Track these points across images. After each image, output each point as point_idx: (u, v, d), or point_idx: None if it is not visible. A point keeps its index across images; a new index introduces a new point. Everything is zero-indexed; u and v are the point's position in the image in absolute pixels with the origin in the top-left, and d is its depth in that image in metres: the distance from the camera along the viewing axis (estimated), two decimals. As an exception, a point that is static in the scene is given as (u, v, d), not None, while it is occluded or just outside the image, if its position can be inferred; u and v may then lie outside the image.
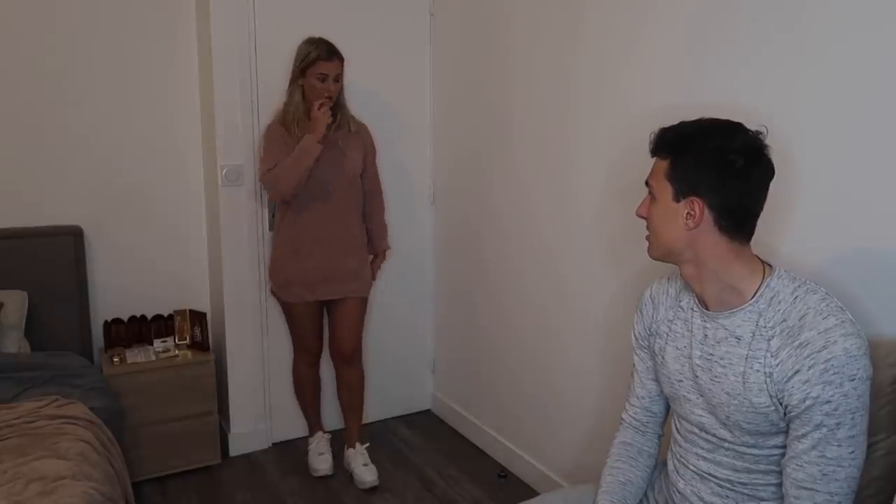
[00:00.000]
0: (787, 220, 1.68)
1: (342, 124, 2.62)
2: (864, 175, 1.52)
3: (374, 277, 2.83)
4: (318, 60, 2.48)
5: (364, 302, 2.76)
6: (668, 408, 1.57)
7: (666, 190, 1.31)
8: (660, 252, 1.38)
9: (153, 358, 2.73)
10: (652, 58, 2.05)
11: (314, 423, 2.92)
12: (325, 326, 2.84)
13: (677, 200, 1.30)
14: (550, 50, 2.46)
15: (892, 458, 1.32)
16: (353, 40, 2.98)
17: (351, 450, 2.82)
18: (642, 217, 1.39)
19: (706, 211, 1.28)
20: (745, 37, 1.76)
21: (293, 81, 2.55)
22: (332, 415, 3.04)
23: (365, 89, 3.04)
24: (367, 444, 2.85)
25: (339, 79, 2.53)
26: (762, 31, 1.71)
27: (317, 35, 2.57)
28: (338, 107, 2.60)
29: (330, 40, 2.55)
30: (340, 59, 2.53)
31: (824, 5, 1.57)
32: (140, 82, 2.91)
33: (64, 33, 2.75)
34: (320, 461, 2.82)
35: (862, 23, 1.50)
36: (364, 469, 2.73)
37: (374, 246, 2.84)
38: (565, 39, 2.39)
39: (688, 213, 1.29)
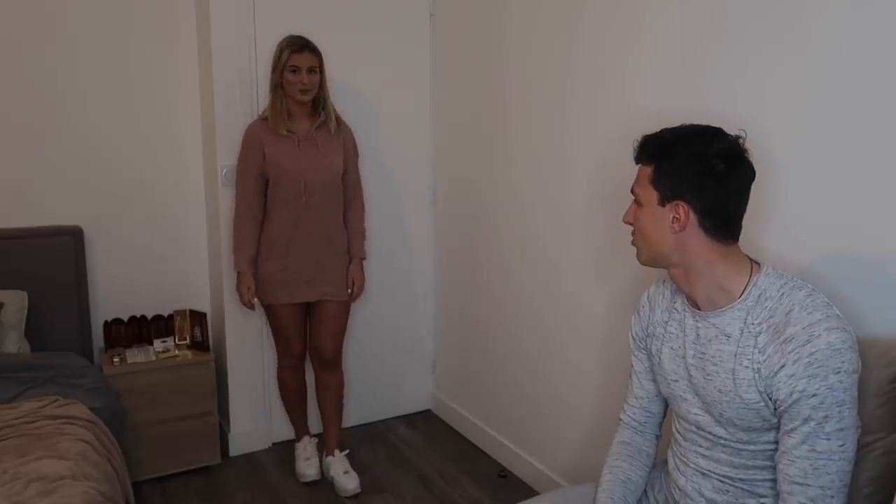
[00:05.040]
0: (779, 221, 1.69)
1: (324, 123, 2.60)
2: (856, 177, 1.52)
3: (356, 286, 2.71)
4: (290, 54, 2.47)
5: (344, 305, 2.71)
6: (665, 408, 1.59)
7: (651, 196, 1.34)
8: (648, 257, 1.41)
9: (153, 358, 2.73)
10: (650, 61, 2.05)
11: (300, 427, 2.88)
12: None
13: (662, 205, 1.33)
14: (549, 50, 2.46)
15: (891, 456, 1.33)
16: (353, 40, 2.99)
17: (330, 457, 2.77)
18: (629, 224, 1.43)
19: (691, 214, 1.31)
20: (739, 41, 1.76)
21: (273, 81, 2.54)
22: (318, 417, 2.96)
23: (365, 89, 3.04)
24: (347, 451, 2.80)
25: (314, 71, 2.50)
26: (757, 35, 1.71)
27: (316, 34, 2.58)
28: (320, 101, 2.59)
29: (321, 39, 2.57)
30: (313, 51, 2.51)
31: (818, 10, 1.57)
32: (140, 82, 2.91)
33: (64, 33, 2.75)
34: (307, 466, 2.77)
35: (854, 27, 1.50)
36: (345, 477, 2.68)
37: (350, 252, 2.72)
38: (564, 39, 2.39)
39: (673, 217, 1.32)
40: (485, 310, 2.98)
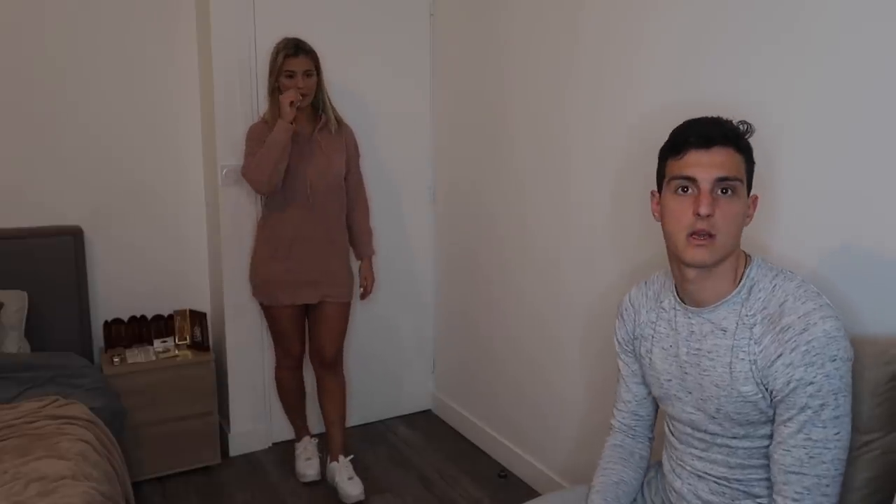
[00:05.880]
0: (779, 220, 1.68)
1: (325, 124, 2.59)
2: (856, 176, 1.52)
3: (368, 284, 2.82)
4: (284, 58, 2.45)
5: (345, 307, 2.70)
6: (655, 410, 1.59)
7: (744, 184, 1.32)
8: (724, 252, 1.29)
9: (153, 358, 2.73)
10: (651, 60, 2.05)
11: (300, 427, 2.89)
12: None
13: (748, 195, 1.34)
14: (550, 49, 2.46)
15: (890, 456, 1.32)
16: (353, 40, 3.00)
17: (334, 462, 2.73)
18: (710, 216, 1.26)
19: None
20: (741, 41, 1.76)
21: (270, 85, 2.52)
22: (319, 418, 2.96)
23: (365, 90, 3.05)
24: (352, 456, 2.78)
25: (310, 74, 2.49)
26: (758, 35, 1.71)
27: (315, 34, 2.58)
28: (319, 104, 2.58)
29: (321, 39, 2.56)
30: (308, 53, 2.49)
31: (817, 10, 1.57)
32: (140, 82, 2.91)
33: (64, 33, 2.75)
34: (307, 466, 2.78)
35: (853, 27, 1.50)
36: (349, 483, 2.65)
37: (359, 251, 2.80)
38: (565, 39, 2.39)
39: (752, 205, 1.35)
40: (485, 310, 2.98)
